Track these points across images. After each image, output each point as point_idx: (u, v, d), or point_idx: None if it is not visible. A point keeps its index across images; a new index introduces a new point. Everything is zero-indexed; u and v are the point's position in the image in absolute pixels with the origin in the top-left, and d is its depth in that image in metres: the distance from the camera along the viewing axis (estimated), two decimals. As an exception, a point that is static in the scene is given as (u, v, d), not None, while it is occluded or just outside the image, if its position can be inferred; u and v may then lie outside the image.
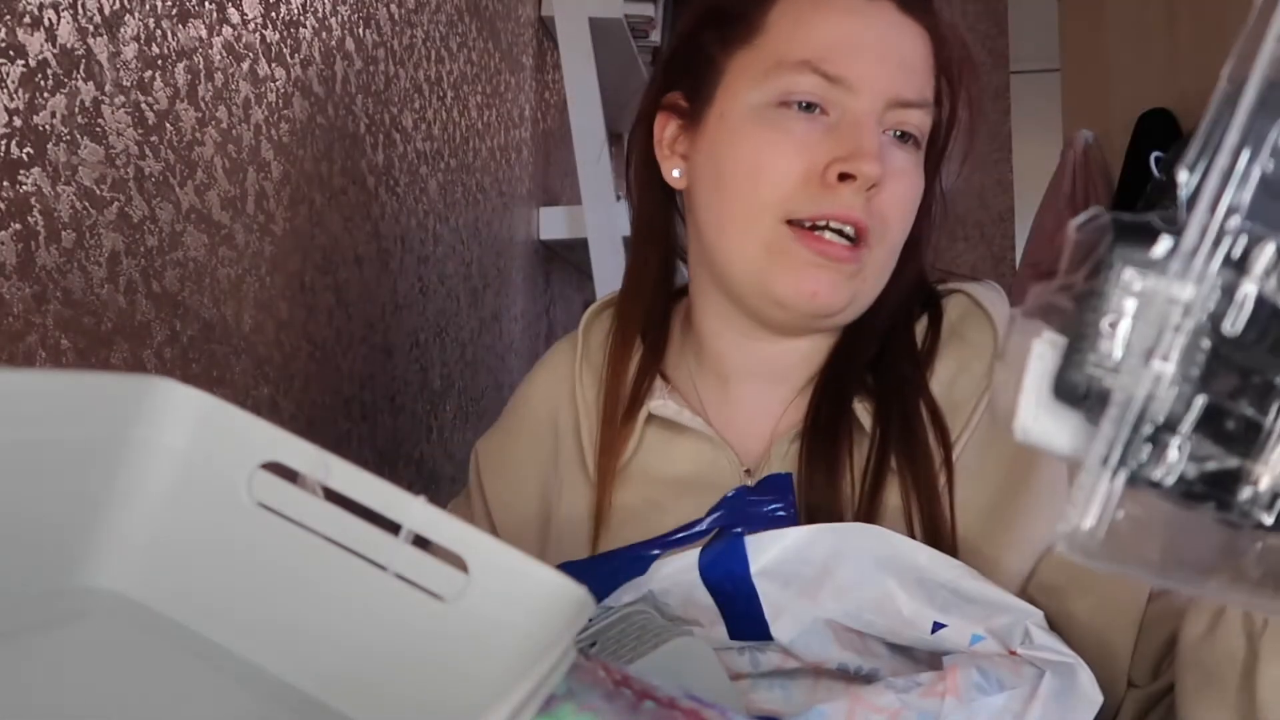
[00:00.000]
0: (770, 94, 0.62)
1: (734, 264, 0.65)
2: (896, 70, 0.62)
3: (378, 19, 1.13)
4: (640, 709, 0.42)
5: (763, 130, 0.62)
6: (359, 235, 1.09)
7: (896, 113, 0.63)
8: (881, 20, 0.62)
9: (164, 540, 0.41)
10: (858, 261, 0.63)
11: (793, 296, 0.63)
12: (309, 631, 0.40)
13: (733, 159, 0.64)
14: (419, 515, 0.40)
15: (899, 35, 0.63)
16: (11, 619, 0.36)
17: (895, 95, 0.62)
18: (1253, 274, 0.27)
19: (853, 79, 0.61)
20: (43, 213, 0.62)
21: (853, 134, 0.61)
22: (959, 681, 0.48)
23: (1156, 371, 0.28)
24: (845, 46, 0.61)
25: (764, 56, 0.63)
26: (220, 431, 0.41)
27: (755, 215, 0.63)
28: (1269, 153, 0.26)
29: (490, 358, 1.56)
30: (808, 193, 0.61)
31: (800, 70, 0.61)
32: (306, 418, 0.97)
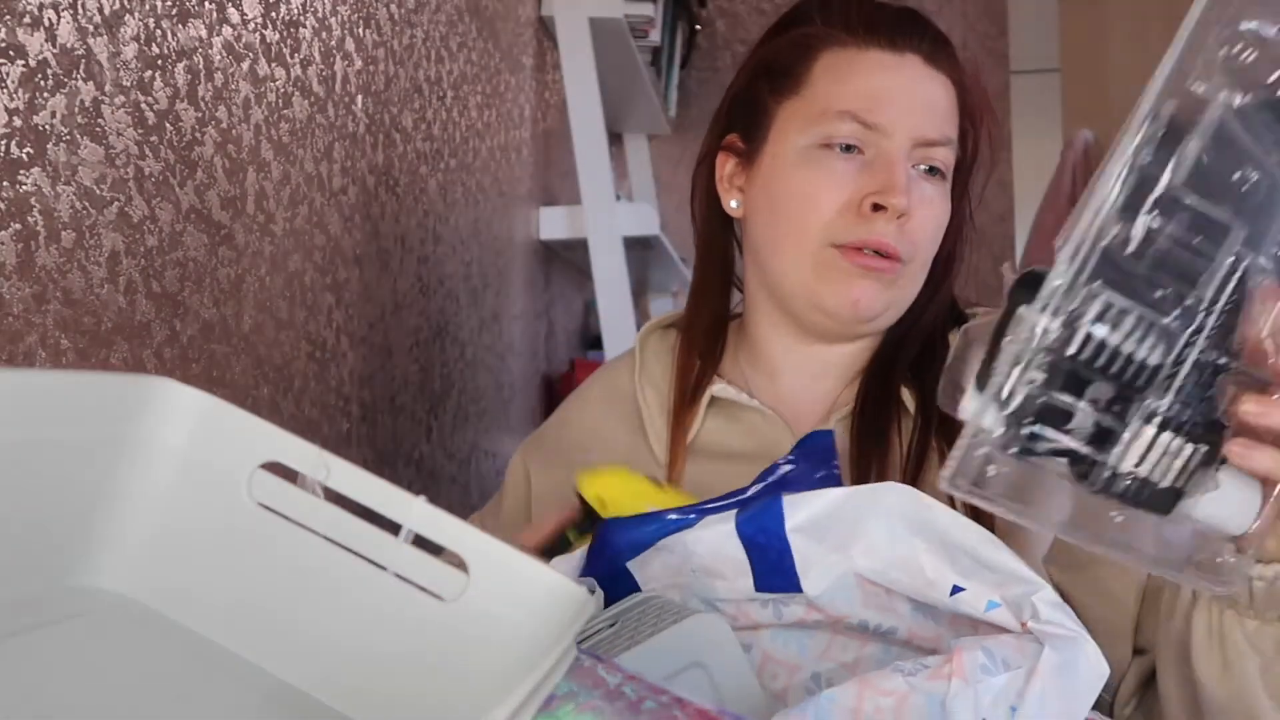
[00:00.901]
0: (815, 137, 0.73)
1: (787, 279, 0.76)
2: (923, 114, 0.73)
3: (378, 19, 1.13)
4: (641, 709, 0.42)
5: (809, 168, 0.74)
6: (359, 235, 1.09)
7: (923, 150, 0.73)
8: (910, 72, 0.73)
9: (164, 540, 0.41)
10: (894, 272, 0.73)
11: (838, 305, 0.74)
12: (309, 631, 0.40)
13: (785, 193, 0.75)
14: (419, 515, 0.40)
15: (925, 84, 0.74)
16: (12, 619, 0.36)
17: (921, 135, 0.73)
18: (1088, 316, 0.41)
19: (885, 124, 0.72)
20: (43, 213, 0.62)
21: (885, 171, 0.72)
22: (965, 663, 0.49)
23: (1020, 375, 0.41)
24: (879, 96, 0.72)
25: (810, 106, 0.74)
26: (220, 431, 0.41)
27: (805, 240, 0.74)
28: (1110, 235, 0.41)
29: (490, 358, 1.56)
30: (848, 221, 0.72)
31: (841, 119, 0.72)
32: (306, 418, 0.97)
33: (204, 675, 0.39)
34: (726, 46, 2.56)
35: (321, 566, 0.40)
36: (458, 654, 0.39)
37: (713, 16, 2.59)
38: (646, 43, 2.09)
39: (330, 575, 0.40)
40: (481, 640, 0.39)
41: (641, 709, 0.42)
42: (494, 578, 0.40)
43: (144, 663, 0.38)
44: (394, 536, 0.40)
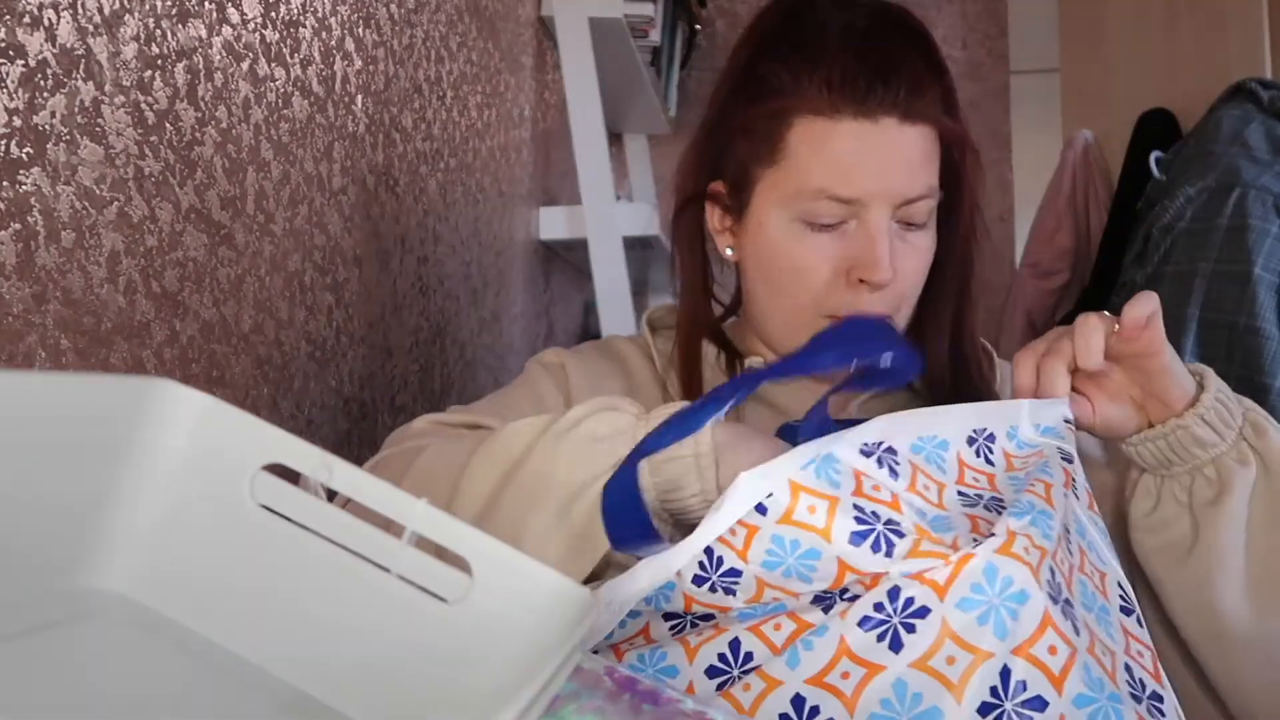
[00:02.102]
0: (796, 213, 0.73)
1: (781, 339, 0.79)
2: (902, 175, 0.72)
3: (378, 19, 1.13)
4: (642, 710, 0.42)
5: (794, 243, 0.74)
6: (359, 235, 1.08)
7: (905, 209, 0.73)
8: (886, 136, 0.71)
9: (166, 542, 0.40)
10: None
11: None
12: (312, 633, 0.40)
13: (773, 264, 0.76)
14: (422, 517, 0.40)
15: (903, 142, 0.71)
16: (13, 620, 0.35)
17: (902, 197, 0.72)
18: None
19: (863, 197, 0.71)
20: (42, 213, 0.62)
21: (866, 244, 0.72)
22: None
23: None
24: (854, 169, 0.71)
25: (787, 179, 0.73)
26: (221, 433, 0.41)
27: (798, 310, 0.76)
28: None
29: (490, 358, 1.56)
30: (837, 293, 0.74)
31: (817, 198, 0.72)
32: (306, 418, 0.96)
33: (205, 677, 0.39)
34: (726, 46, 2.55)
35: (324, 568, 0.40)
36: (461, 656, 0.39)
37: (713, 16, 2.59)
38: (646, 43, 2.09)
39: (333, 577, 0.40)
40: (485, 642, 0.39)
41: (642, 709, 0.42)
42: (497, 579, 0.40)
43: (145, 664, 0.38)
44: (397, 538, 0.40)
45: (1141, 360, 0.66)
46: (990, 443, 0.63)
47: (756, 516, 0.54)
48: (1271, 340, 1.39)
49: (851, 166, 0.71)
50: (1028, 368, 0.67)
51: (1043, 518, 0.55)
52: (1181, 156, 1.60)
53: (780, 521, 0.54)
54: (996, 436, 0.64)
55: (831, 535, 0.53)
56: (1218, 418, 0.67)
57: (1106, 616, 0.58)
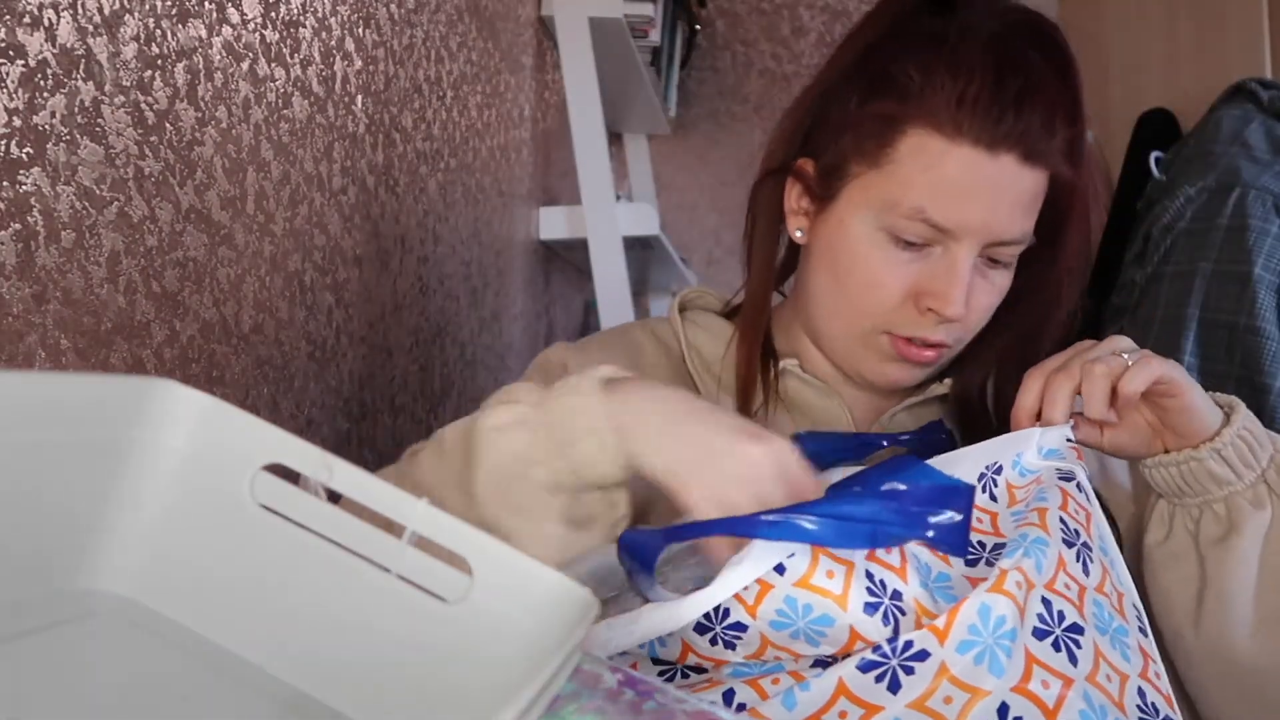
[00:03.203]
0: (883, 224, 0.70)
1: (833, 341, 0.77)
2: (1004, 216, 0.68)
3: (377, 19, 1.13)
4: (642, 710, 0.42)
5: (875, 254, 0.70)
6: (359, 235, 1.08)
7: (994, 249, 0.70)
8: (1002, 173, 0.67)
9: (166, 542, 0.40)
10: (938, 359, 0.74)
11: (873, 378, 0.76)
12: (312, 633, 0.40)
13: (848, 270, 0.72)
14: (422, 517, 0.40)
15: (1014, 183, 0.67)
16: (13, 621, 0.35)
17: (996, 238, 0.69)
18: None
19: (956, 229, 0.68)
20: (42, 213, 0.62)
21: (945, 276, 0.69)
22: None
23: None
24: (958, 199, 0.67)
25: (886, 185, 0.69)
26: (222, 433, 0.41)
27: (861, 321, 0.73)
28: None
29: (490, 358, 1.56)
30: (905, 314, 0.71)
31: (912, 216, 0.68)
32: (306, 418, 0.96)
33: (206, 677, 0.39)
34: (726, 46, 2.56)
35: (324, 568, 0.40)
36: (461, 656, 0.39)
37: (713, 16, 2.59)
38: (646, 43, 2.09)
39: (333, 577, 0.40)
40: (485, 642, 0.39)
41: (643, 709, 0.42)
42: (497, 579, 0.40)
43: (146, 665, 0.38)
44: (397, 539, 0.40)
45: (1159, 399, 0.64)
46: (997, 476, 0.63)
47: (774, 575, 0.52)
48: (1271, 340, 1.39)
49: (957, 196, 0.67)
50: (1033, 389, 0.65)
51: (1036, 547, 0.55)
52: (1181, 156, 1.60)
53: (797, 584, 0.52)
54: (1003, 468, 0.63)
55: (848, 604, 0.52)
56: (1237, 455, 0.64)
57: (1123, 638, 0.57)
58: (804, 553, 0.52)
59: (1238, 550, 0.64)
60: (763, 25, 2.53)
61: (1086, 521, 0.61)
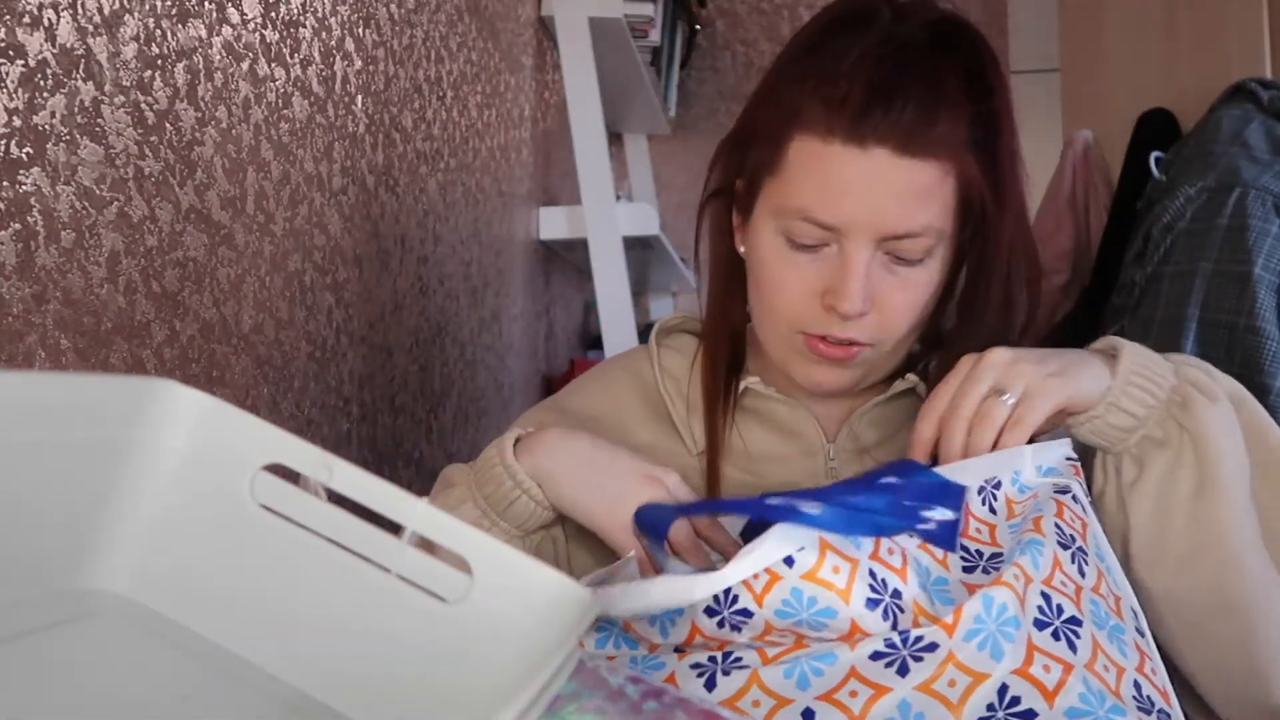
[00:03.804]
0: (781, 229, 0.73)
1: (767, 346, 0.79)
2: (889, 209, 0.69)
3: (378, 19, 1.13)
4: (643, 710, 0.42)
5: (777, 257, 0.74)
6: (359, 235, 1.08)
7: (890, 244, 0.71)
8: (875, 166, 0.68)
9: (166, 542, 0.40)
10: (856, 357, 0.74)
11: (804, 382, 0.78)
12: (312, 633, 0.40)
13: (759, 273, 0.76)
14: (422, 517, 0.40)
15: (893, 176, 0.68)
16: (13, 621, 0.35)
17: (886, 231, 0.70)
18: None
19: (842, 225, 0.70)
20: (42, 213, 0.62)
21: (840, 273, 0.71)
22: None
23: None
24: (838, 194, 0.69)
25: (780, 191, 0.73)
26: (222, 433, 0.41)
27: (777, 322, 0.76)
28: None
29: (490, 358, 1.56)
30: (812, 314, 0.73)
31: (797, 217, 0.71)
32: (306, 418, 0.96)
33: (206, 677, 0.39)
34: (726, 46, 2.56)
35: (324, 568, 0.40)
36: (461, 656, 0.39)
37: (713, 16, 2.59)
38: (646, 43, 2.09)
39: (333, 577, 0.40)
40: (485, 642, 0.39)
41: (643, 709, 0.42)
42: (497, 579, 0.40)
43: (145, 664, 0.38)
44: (397, 538, 0.40)
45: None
46: (996, 490, 0.64)
47: (782, 567, 0.55)
48: (1271, 340, 1.39)
49: (834, 193, 0.69)
50: (927, 430, 0.68)
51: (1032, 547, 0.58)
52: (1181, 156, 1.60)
53: (804, 577, 0.55)
54: (1002, 483, 0.64)
55: (851, 598, 0.55)
56: (1133, 401, 0.67)
57: (1120, 635, 0.59)
58: (812, 547, 0.55)
59: (1145, 491, 0.67)
60: (763, 25, 2.53)
61: (1082, 530, 0.63)
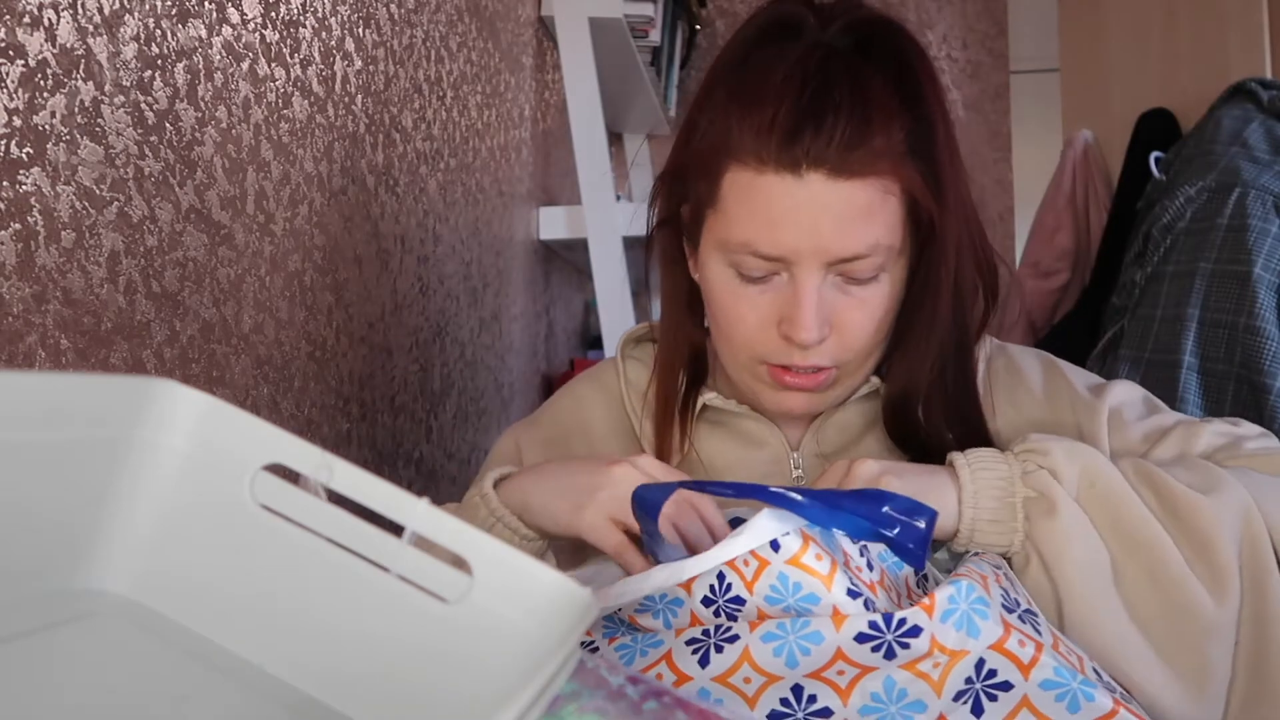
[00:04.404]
0: (729, 262, 0.71)
1: (731, 371, 0.78)
2: (832, 235, 0.66)
3: (377, 19, 1.13)
4: (643, 710, 0.42)
5: (729, 293, 0.72)
6: (359, 235, 1.08)
7: (840, 267, 0.68)
8: (812, 193, 0.66)
9: (166, 542, 0.40)
10: (824, 382, 0.73)
11: (773, 409, 0.77)
12: (312, 633, 0.40)
13: (714, 308, 0.74)
14: (422, 517, 0.40)
15: (832, 200, 0.66)
16: (13, 622, 0.35)
17: (833, 256, 0.67)
18: None
19: (787, 253, 0.68)
20: (42, 213, 0.62)
21: (792, 302, 0.69)
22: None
23: None
24: (778, 225, 0.67)
25: (722, 225, 0.70)
26: (222, 433, 0.41)
27: (738, 353, 0.75)
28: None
29: (490, 357, 1.56)
30: (771, 344, 0.72)
31: (742, 251, 0.69)
32: (306, 418, 0.96)
33: (206, 678, 0.39)
34: (726, 46, 2.56)
35: (324, 568, 0.40)
36: (461, 656, 0.39)
37: (713, 16, 2.59)
38: (646, 43, 2.09)
39: (333, 577, 0.40)
40: (485, 642, 0.39)
41: (643, 709, 0.42)
42: (497, 579, 0.40)
43: (146, 665, 0.38)
44: (397, 538, 0.40)
45: None
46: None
47: (769, 551, 0.58)
48: (1271, 340, 1.39)
49: (775, 223, 0.67)
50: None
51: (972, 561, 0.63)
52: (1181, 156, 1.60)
53: (789, 561, 0.58)
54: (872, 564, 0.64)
55: (831, 585, 0.57)
56: (991, 528, 0.66)
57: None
58: (796, 535, 0.58)
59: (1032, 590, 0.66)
60: (763, 25, 2.52)
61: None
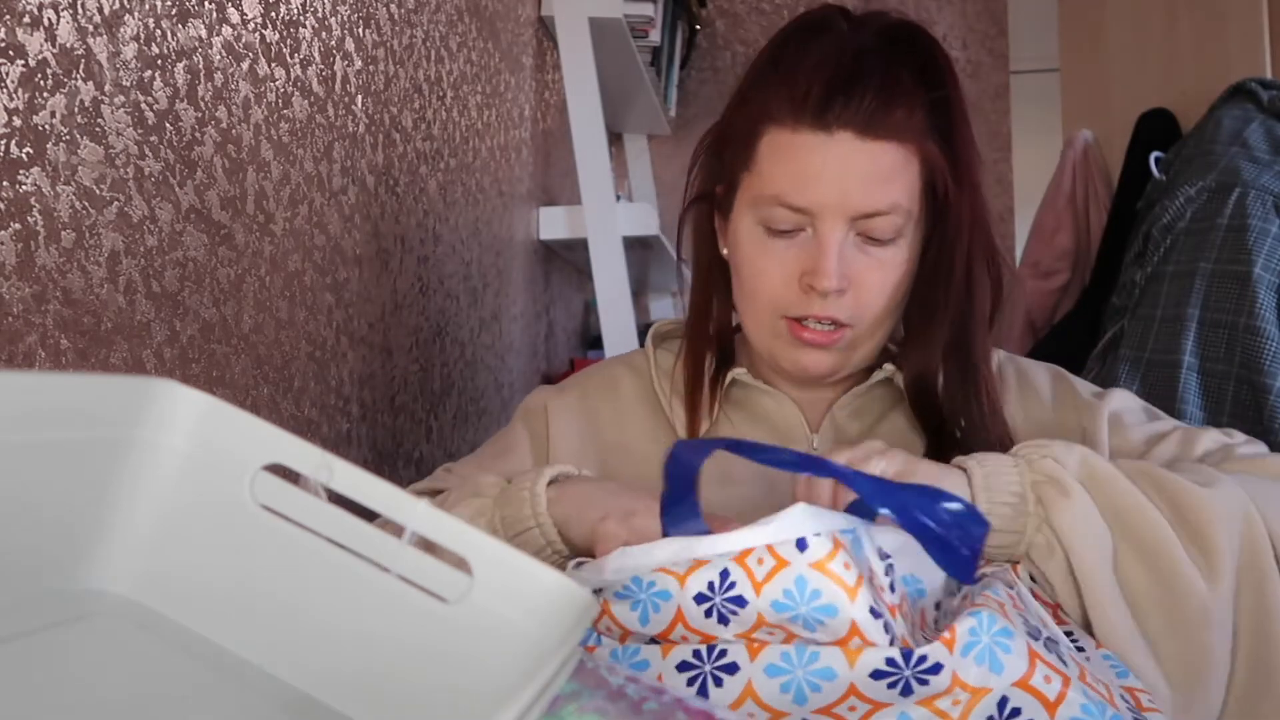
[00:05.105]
0: (758, 219, 0.78)
1: (754, 338, 0.83)
2: (857, 190, 0.73)
3: (378, 19, 1.13)
4: (643, 710, 0.42)
5: (756, 246, 0.78)
6: (359, 235, 1.08)
7: (862, 223, 0.75)
8: (841, 149, 0.73)
9: (167, 542, 0.40)
10: (839, 341, 0.78)
11: (791, 368, 0.81)
12: (312, 633, 0.40)
13: (742, 264, 0.80)
14: (422, 517, 0.40)
15: (858, 158, 0.73)
16: (13, 622, 0.35)
17: (856, 211, 0.74)
18: None
19: (814, 207, 0.74)
20: (42, 213, 0.62)
21: (816, 253, 0.75)
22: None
23: None
24: (807, 179, 0.74)
25: (756, 184, 0.77)
26: (222, 433, 0.41)
27: (760, 310, 0.80)
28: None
29: (490, 357, 1.56)
30: (793, 296, 0.77)
31: (772, 204, 0.76)
32: (306, 418, 0.96)
33: (206, 678, 0.39)
34: (726, 46, 2.56)
35: (324, 568, 0.40)
36: (461, 656, 0.39)
37: (713, 16, 2.59)
38: (646, 43, 2.09)
39: (333, 577, 0.40)
40: (485, 642, 0.39)
41: (644, 709, 0.42)
42: (497, 579, 0.40)
43: (147, 665, 0.38)
44: (397, 538, 0.40)
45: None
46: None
47: (793, 551, 0.54)
48: (1271, 340, 1.39)
49: (805, 176, 0.74)
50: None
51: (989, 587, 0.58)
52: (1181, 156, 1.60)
53: (814, 565, 0.53)
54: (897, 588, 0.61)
55: (855, 598, 0.53)
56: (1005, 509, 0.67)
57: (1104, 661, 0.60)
58: (826, 537, 0.54)
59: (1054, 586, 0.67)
60: (763, 25, 2.53)
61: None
